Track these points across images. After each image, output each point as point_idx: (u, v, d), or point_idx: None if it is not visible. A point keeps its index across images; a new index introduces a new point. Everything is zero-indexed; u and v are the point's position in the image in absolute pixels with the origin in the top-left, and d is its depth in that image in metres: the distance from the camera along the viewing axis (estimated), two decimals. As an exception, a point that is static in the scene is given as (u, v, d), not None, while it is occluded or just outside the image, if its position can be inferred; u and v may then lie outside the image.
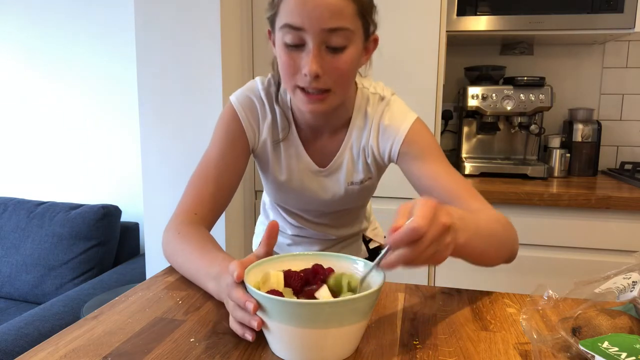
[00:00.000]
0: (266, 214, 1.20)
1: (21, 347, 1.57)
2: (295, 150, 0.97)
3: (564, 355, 0.60)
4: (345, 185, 0.98)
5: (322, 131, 0.96)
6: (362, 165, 0.97)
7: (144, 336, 0.67)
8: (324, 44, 0.79)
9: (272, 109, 0.95)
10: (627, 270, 0.67)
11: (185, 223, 0.88)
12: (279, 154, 0.98)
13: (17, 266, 2.18)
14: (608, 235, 1.63)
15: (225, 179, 0.93)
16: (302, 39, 0.78)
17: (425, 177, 0.89)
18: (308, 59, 0.78)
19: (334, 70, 0.80)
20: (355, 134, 0.95)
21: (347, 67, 0.81)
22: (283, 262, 0.70)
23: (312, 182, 0.99)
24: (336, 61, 0.79)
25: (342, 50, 0.80)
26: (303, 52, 0.79)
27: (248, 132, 0.95)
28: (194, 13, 1.62)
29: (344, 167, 0.97)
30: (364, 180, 0.98)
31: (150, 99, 1.69)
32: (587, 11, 1.75)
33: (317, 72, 0.78)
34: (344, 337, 0.59)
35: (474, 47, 2.19)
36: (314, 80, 0.79)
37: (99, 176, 2.46)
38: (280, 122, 0.95)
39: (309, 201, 1.02)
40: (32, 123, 2.51)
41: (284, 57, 0.81)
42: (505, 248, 0.81)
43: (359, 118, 0.95)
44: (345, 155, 0.96)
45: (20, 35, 2.46)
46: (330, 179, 0.98)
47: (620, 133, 2.13)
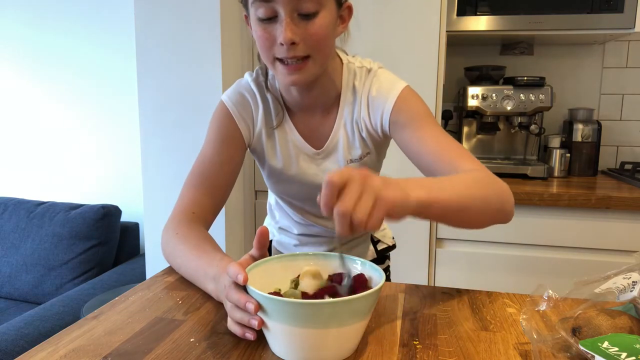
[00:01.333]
0: (272, 215, 1.19)
1: (21, 347, 1.57)
2: (290, 136, 0.97)
3: (564, 355, 0.60)
4: (345, 163, 0.97)
5: (313, 111, 0.96)
6: (358, 141, 0.96)
7: (144, 336, 0.67)
8: (295, 12, 0.79)
9: (264, 97, 0.96)
10: (627, 270, 0.67)
11: (183, 223, 0.88)
12: (273, 142, 0.97)
13: (17, 266, 2.18)
14: (608, 235, 1.63)
15: (222, 176, 0.94)
16: (274, 10, 0.79)
17: (414, 143, 0.87)
18: (282, 28, 0.79)
19: (309, 36, 0.81)
20: (346, 110, 0.95)
21: (322, 31, 0.81)
22: (284, 262, 0.70)
23: (310, 166, 0.98)
24: (310, 27, 0.80)
25: (315, 16, 0.80)
26: (277, 23, 0.80)
27: (242, 128, 0.95)
28: (194, 13, 1.62)
29: (341, 146, 0.96)
30: (363, 156, 0.97)
31: (150, 99, 1.69)
32: (587, 11, 1.75)
33: (292, 39, 0.79)
34: (344, 337, 0.59)
35: (474, 47, 2.19)
36: (291, 48, 0.80)
37: (99, 176, 2.47)
38: (273, 109, 0.96)
39: (310, 188, 1.00)
40: (32, 123, 2.51)
41: (259, 32, 0.82)
42: (490, 207, 0.77)
43: (348, 93, 0.95)
44: (340, 133, 0.95)
45: (20, 35, 2.46)
46: (328, 160, 0.97)
47: (620, 133, 2.13)
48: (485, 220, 0.79)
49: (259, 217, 1.90)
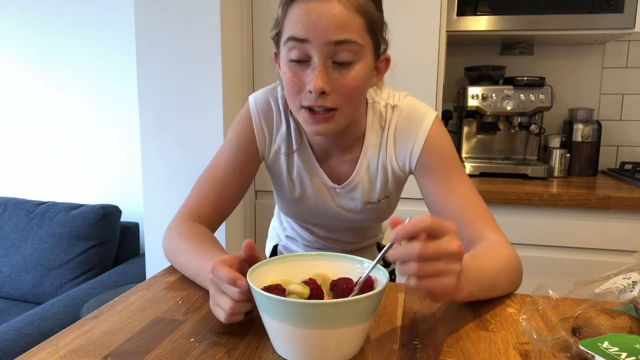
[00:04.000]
0: (280, 220, 1.16)
1: (21, 347, 1.57)
2: (309, 165, 0.93)
3: (564, 355, 0.60)
4: (362, 204, 0.94)
5: (334, 150, 0.92)
6: (380, 185, 0.92)
7: (144, 336, 0.67)
8: (330, 59, 0.75)
9: (287, 119, 0.91)
10: (627, 270, 0.67)
11: (188, 223, 0.87)
12: (292, 167, 0.94)
13: (17, 266, 2.18)
14: (608, 235, 1.63)
15: (233, 182, 0.91)
16: (307, 53, 0.75)
17: (439, 197, 0.85)
18: (313, 74, 0.74)
19: (341, 87, 0.76)
20: (370, 152, 0.91)
21: (356, 84, 0.76)
22: (286, 263, 0.70)
23: (327, 198, 0.95)
24: (343, 78, 0.75)
25: (350, 66, 0.75)
26: (308, 68, 0.75)
27: (258, 137, 0.92)
28: (194, 13, 1.62)
29: (360, 188, 0.93)
30: (381, 199, 0.95)
31: (151, 99, 1.69)
32: (587, 11, 1.75)
33: (323, 88, 0.74)
34: (347, 338, 0.59)
35: (474, 47, 2.19)
36: (320, 97, 0.75)
37: (99, 176, 2.46)
38: (294, 135, 0.91)
39: (323, 217, 0.98)
40: (32, 123, 2.51)
41: (289, 75, 0.77)
42: (506, 291, 0.79)
43: (373, 135, 0.90)
44: (361, 175, 0.92)
45: (19, 36, 2.46)
46: (346, 197, 0.94)
47: (620, 133, 2.13)
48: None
49: (259, 217, 1.90)
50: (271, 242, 1.23)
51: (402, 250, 0.56)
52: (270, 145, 0.93)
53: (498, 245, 0.79)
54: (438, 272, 0.56)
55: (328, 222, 1.01)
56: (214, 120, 1.64)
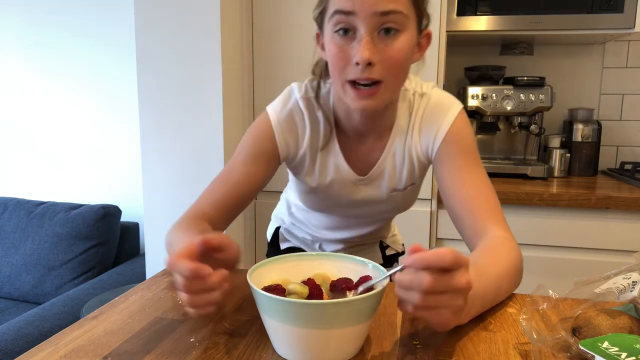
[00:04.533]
0: (287, 206, 1.15)
1: (21, 347, 1.57)
2: (334, 160, 0.92)
3: (564, 355, 0.60)
4: (388, 192, 0.94)
5: (365, 136, 0.92)
6: (406, 172, 0.92)
7: (144, 336, 0.67)
8: (376, 30, 0.75)
9: (313, 117, 0.90)
10: (627, 270, 0.67)
11: (191, 218, 0.87)
12: (314, 163, 0.93)
13: (17, 266, 2.18)
14: (608, 235, 1.63)
15: (244, 188, 0.90)
16: (354, 25, 0.75)
17: (454, 185, 0.86)
18: (359, 46, 0.74)
19: (387, 58, 0.75)
20: (397, 139, 0.91)
21: (401, 55, 0.76)
22: (286, 263, 0.70)
23: (350, 190, 0.94)
24: (389, 49, 0.75)
25: (396, 37, 0.75)
26: (354, 41, 0.76)
27: (282, 150, 0.91)
28: (194, 13, 1.62)
29: (386, 175, 0.93)
30: (407, 187, 0.95)
31: (150, 99, 1.69)
32: (587, 11, 1.75)
33: (370, 58, 0.74)
34: (347, 338, 0.59)
35: (474, 47, 2.19)
36: (366, 69, 0.75)
37: (99, 176, 2.46)
38: (322, 129, 0.91)
39: (345, 208, 0.98)
40: (31, 123, 2.51)
41: (334, 49, 0.77)
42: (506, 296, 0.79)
43: (401, 122, 0.91)
44: (387, 162, 0.92)
45: (19, 35, 2.46)
46: (370, 186, 0.94)
47: (620, 133, 2.13)
48: None
49: (259, 217, 1.90)
50: (273, 224, 1.22)
51: (410, 279, 0.55)
52: (298, 150, 0.92)
53: (501, 246, 0.78)
54: (440, 305, 0.56)
55: (349, 213, 1.00)
56: (214, 120, 1.64)
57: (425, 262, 0.53)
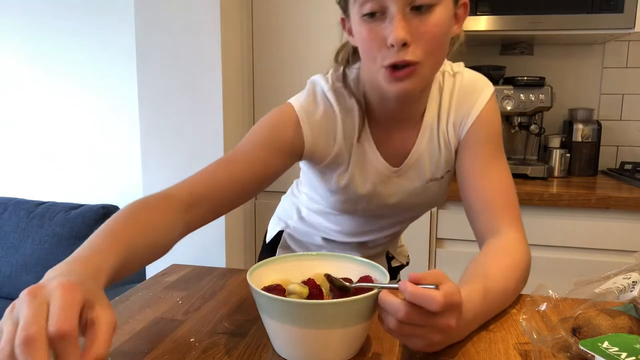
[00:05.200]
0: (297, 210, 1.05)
1: (21, 347, 1.57)
2: (368, 153, 0.85)
3: (564, 355, 0.60)
4: (425, 182, 0.88)
5: (399, 124, 0.85)
6: (444, 157, 0.87)
7: (144, 336, 0.67)
8: (408, 6, 0.68)
9: (344, 108, 0.82)
10: (627, 270, 0.67)
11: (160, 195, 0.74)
12: (349, 157, 0.85)
13: (17, 266, 2.18)
14: (608, 235, 1.63)
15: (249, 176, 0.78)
16: (382, 4, 0.68)
17: (474, 173, 0.82)
18: (392, 25, 0.67)
19: (423, 35, 0.68)
20: (431, 123, 0.85)
21: (438, 30, 0.69)
22: (286, 263, 0.70)
23: (385, 186, 0.87)
24: (424, 24, 0.68)
25: (431, 10, 0.68)
26: (385, 21, 0.69)
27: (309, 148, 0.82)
28: (194, 13, 1.62)
29: (422, 163, 0.86)
30: (444, 174, 0.89)
31: (151, 99, 1.69)
32: (587, 11, 1.75)
33: (405, 38, 0.67)
34: (347, 338, 0.59)
35: (474, 47, 2.18)
36: (402, 50, 0.68)
37: (99, 176, 2.46)
38: (357, 119, 0.82)
39: (374, 208, 0.91)
40: (31, 123, 2.51)
41: (364, 32, 0.70)
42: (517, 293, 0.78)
43: (433, 103, 0.85)
44: (422, 149, 0.86)
45: (19, 35, 2.45)
46: (405, 177, 0.87)
47: (620, 133, 2.13)
48: None
49: (259, 217, 1.90)
50: (275, 227, 1.11)
51: (389, 303, 0.55)
52: (329, 151, 0.84)
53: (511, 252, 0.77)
54: (414, 335, 0.57)
55: (376, 213, 0.93)
56: (214, 120, 1.64)
57: (414, 300, 0.53)
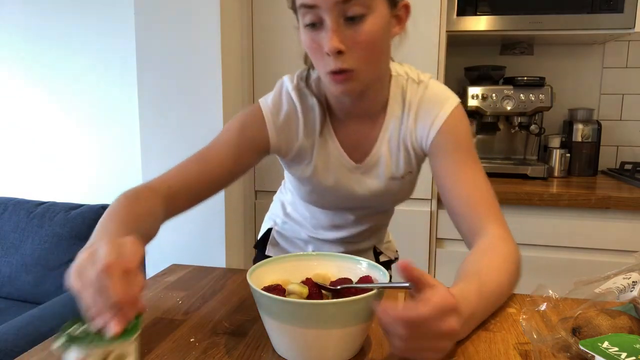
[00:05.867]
0: (282, 206, 1.13)
1: (21, 347, 1.57)
2: (330, 146, 0.91)
3: (564, 355, 0.60)
4: (385, 180, 0.92)
5: (359, 120, 0.90)
6: (403, 158, 0.91)
7: (144, 336, 0.67)
8: (341, 17, 0.74)
9: (305, 106, 0.89)
10: (627, 270, 0.67)
11: (147, 190, 0.80)
12: (312, 151, 0.91)
13: (17, 266, 2.18)
14: (608, 235, 1.63)
15: (219, 170, 0.85)
16: (320, 17, 0.75)
17: (450, 180, 0.85)
18: (327, 36, 0.74)
19: (357, 44, 0.75)
20: (392, 124, 0.90)
21: (371, 38, 0.75)
22: (286, 263, 0.70)
23: (349, 178, 0.93)
24: (358, 33, 0.74)
25: (362, 20, 0.74)
26: (323, 31, 0.75)
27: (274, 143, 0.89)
28: (194, 13, 1.62)
29: (383, 161, 0.91)
30: (405, 175, 0.93)
31: (150, 99, 1.69)
32: (587, 11, 1.75)
33: (338, 47, 0.74)
34: (347, 338, 0.59)
35: (474, 47, 2.18)
36: (338, 58, 0.75)
37: (99, 176, 2.46)
38: (318, 115, 0.89)
39: (342, 199, 0.95)
40: (32, 123, 2.51)
41: (308, 41, 0.78)
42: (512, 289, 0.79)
43: (395, 107, 0.90)
44: (383, 148, 0.91)
45: (19, 34, 2.45)
46: (368, 175, 0.92)
47: (620, 133, 2.13)
48: None
49: (259, 217, 1.90)
50: (265, 225, 1.20)
51: (389, 324, 0.54)
52: (293, 145, 0.90)
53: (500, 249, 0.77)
54: (423, 348, 0.55)
55: (348, 205, 0.98)
56: (214, 120, 1.64)
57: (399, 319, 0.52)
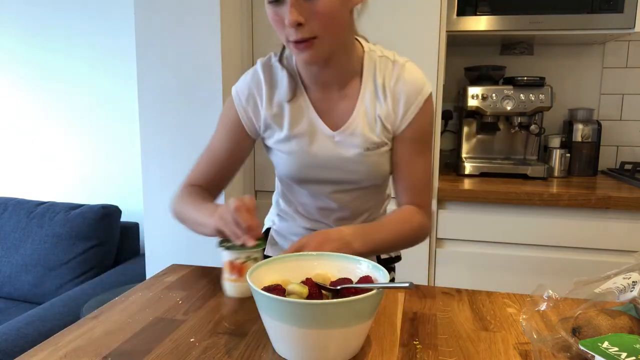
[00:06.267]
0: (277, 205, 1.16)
1: (21, 347, 1.57)
2: (306, 113, 0.95)
3: (564, 355, 0.60)
4: (363, 150, 0.95)
5: (331, 89, 0.95)
6: (379, 130, 0.95)
7: (144, 336, 0.67)
8: None
9: (272, 79, 0.96)
10: (627, 270, 0.67)
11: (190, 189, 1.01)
12: (282, 116, 0.96)
13: (17, 266, 2.18)
14: (608, 235, 1.63)
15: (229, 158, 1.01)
16: None
17: (405, 164, 0.98)
18: (287, 10, 0.80)
19: (313, 15, 0.80)
20: (368, 97, 0.94)
21: (328, 10, 0.81)
22: (286, 263, 0.70)
23: (325, 146, 0.96)
24: (314, 6, 0.80)
25: None
26: (285, 5, 0.81)
27: (244, 119, 0.98)
28: (194, 13, 1.62)
29: (359, 131, 0.94)
30: (381, 145, 0.96)
31: (150, 98, 1.69)
32: (587, 11, 1.75)
33: (297, 20, 0.80)
34: (348, 338, 0.59)
35: (474, 47, 2.18)
36: (298, 30, 0.81)
37: (99, 176, 2.46)
38: (287, 85, 0.95)
39: (324, 170, 0.98)
40: (31, 123, 2.51)
41: (271, 15, 0.84)
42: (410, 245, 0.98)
43: (369, 81, 0.95)
44: (359, 119, 0.94)
45: (19, 35, 2.46)
46: (344, 144, 0.95)
47: (620, 133, 2.13)
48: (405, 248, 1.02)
49: (259, 217, 1.90)
50: (265, 225, 1.23)
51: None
52: (260, 116, 0.98)
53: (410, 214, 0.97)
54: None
55: (328, 177, 1.00)
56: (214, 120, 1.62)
57: None
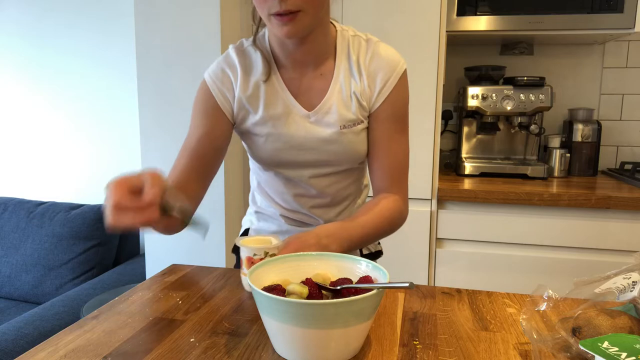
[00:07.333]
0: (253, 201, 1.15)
1: (21, 347, 1.57)
2: (280, 95, 0.95)
3: (564, 355, 0.60)
4: (338, 128, 0.95)
5: (306, 69, 0.95)
6: (355, 108, 0.95)
7: (144, 336, 0.67)
8: None
9: (245, 61, 0.96)
10: (627, 270, 0.67)
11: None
12: (257, 97, 0.95)
13: (17, 266, 2.18)
14: (608, 235, 1.63)
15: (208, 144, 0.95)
16: None
17: (381, 145, 0.97)
18: None
19: None
20: (342, 75, 0.95)
21: None
22: (286, 263, 0.70)
23: (300, 127, 0.95)
24: None
25: None
26: None
27: (221, 102, 0.96)
28: (193, 12, 1.62)
29: (334, 110, 0.94)
30: (358, 123, 0.96)
31: (150, 98, 1.70)
32: (587, 11, 1.75)
33: None
34: (348, 338, 0.59)
35: (474, 47, 2.19)
36: (282, 2, 0.81)
37: (100, 176, 2.47)
38: (261, 66, 0.95)
39: (299, 151, 0.97)
40: (32, 123, 2.51)
41: None
42: (384, 236, 0.97)
43: (343, 59, 0.96)
44: (334, 97, 0.95)
45: (19, 35, 2.46)
46: (320, 123, 0.95)
47: (620, 133, 2.13)
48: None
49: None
50: (242, 228, 1.20)
51: None
52: (234, 97, 0.96)
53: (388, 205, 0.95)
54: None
55: (305, 158, 0.99)
56: (214, 120, 1.63)
57: None
